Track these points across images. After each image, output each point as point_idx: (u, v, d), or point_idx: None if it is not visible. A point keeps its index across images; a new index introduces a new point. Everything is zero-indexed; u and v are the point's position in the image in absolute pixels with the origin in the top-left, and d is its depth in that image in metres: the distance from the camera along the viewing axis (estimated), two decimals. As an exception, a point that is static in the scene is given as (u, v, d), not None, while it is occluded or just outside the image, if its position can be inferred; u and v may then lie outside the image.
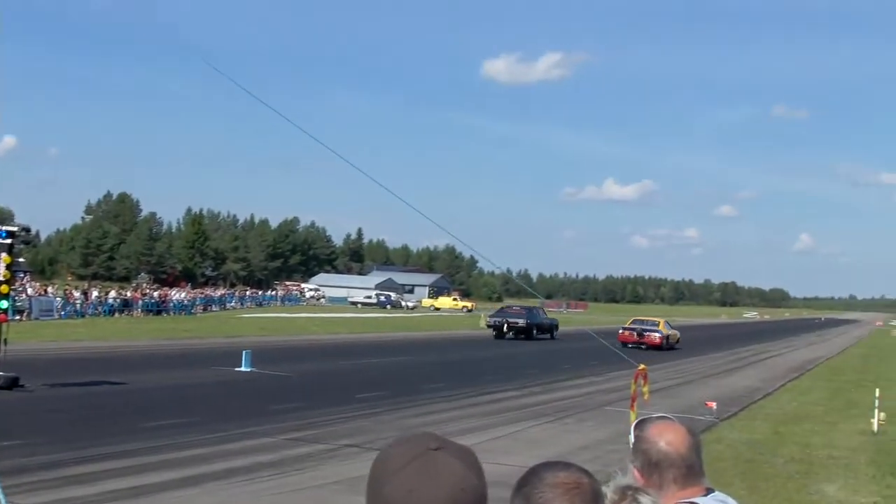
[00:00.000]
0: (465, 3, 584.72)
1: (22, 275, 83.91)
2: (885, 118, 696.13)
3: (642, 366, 15.84)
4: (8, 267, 28.39)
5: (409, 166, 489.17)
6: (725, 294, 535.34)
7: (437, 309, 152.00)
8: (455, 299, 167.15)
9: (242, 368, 37.33)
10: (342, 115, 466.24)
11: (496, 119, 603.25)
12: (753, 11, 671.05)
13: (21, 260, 50.78)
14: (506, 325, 73.18)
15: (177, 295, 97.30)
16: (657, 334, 69.32)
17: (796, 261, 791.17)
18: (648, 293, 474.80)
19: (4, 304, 28.15)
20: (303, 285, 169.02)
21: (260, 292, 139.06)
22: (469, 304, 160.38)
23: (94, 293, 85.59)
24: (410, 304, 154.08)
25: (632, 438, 3.93)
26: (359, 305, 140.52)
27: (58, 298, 74.81)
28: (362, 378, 37.11)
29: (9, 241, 28.16)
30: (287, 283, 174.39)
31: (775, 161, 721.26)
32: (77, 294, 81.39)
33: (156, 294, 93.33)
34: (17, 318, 48.04)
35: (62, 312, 71.29)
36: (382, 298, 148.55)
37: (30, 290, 73.81)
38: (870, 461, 22.10)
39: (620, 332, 70.06)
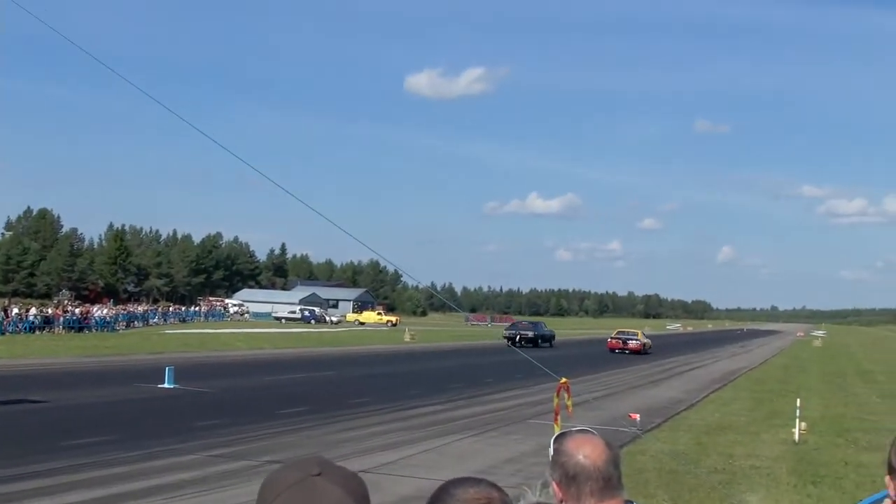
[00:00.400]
0: (387, 18, 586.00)
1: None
2: (805, 132, 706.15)
3: (564, 379, 15.88)
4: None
5: (332, 181, 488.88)
6: (649, 306, 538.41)
7: (362, 323, 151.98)
8: (379, 314, 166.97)
9: (166, 385, 37.08)
10: (265, 131, 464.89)
11: (419, 133, 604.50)
12: (675, 27, 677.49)
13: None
14: (518, 337, 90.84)
15: (99, 311, 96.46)
16: (637, 342, 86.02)
17: (718, 273, 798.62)
18: (572, 306, 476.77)
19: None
20: (226, 301, 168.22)
21: (183, 308, 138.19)
22: (393, 319, 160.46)
23: (15, 310, 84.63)
24: (335, 319, 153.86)
25: (551, 451, 3.94)
26: (283, 320, 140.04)
27: (-23, 316, 73.90)
28: (287, 393, 36.93)
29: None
30: (210, 298, 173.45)
31: (698, 174, 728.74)
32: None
33: (77, 311, 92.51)
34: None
35: (-18, 330, 70.44)
36: (307, 313, 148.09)
37: (-52, 308, 72.87)
38: (791, 470, 22.31)
39: (609, 340, 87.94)
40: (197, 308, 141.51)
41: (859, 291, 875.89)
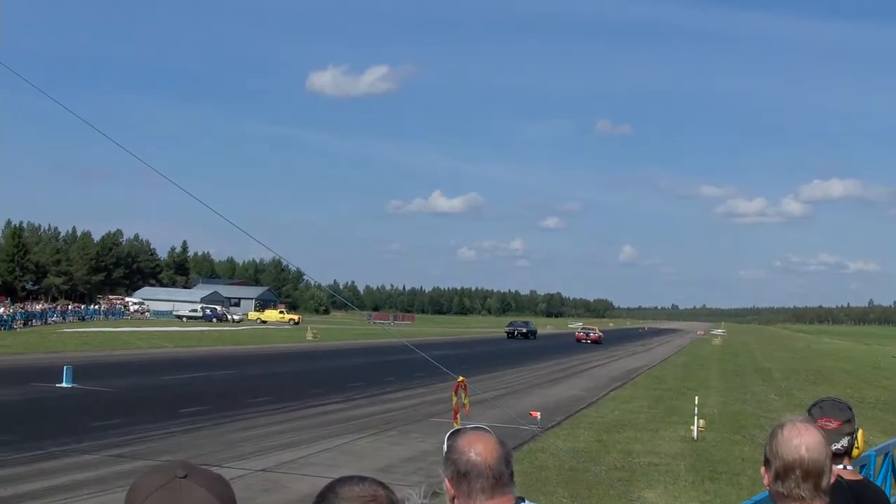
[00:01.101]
0: (291, 14, 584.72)
1: None
2: (706, 132, 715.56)
3: (461, 378, 15.89)
4: None
5: (235, 180, 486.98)
6: (551, 305, 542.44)
7: (264, 322, 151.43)
8: (281, 312, 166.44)
9: (63, 384, 36.64)
10: (164, 128, 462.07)
11: (323, 132, 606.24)
12: (577, 28, 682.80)
13: None
14: (515, 332, 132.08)
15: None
16: (595, 334, 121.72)
17: (620, 272, 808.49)
18: (475, 305, 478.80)
19: None
20: (127, 299, 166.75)
21: (83, 306, 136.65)
22: (295, 317, 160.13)
23: None
24: (237, 318, 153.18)
25: (444, 448, 3.93)
26: (184, 319, 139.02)
27: None
28: (187, 393, 36.67)
29: None
30: (111, 296, 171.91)
31: (600, 174, 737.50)
32: None
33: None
34: None
35: None
36: (208, 312, 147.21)
37: None
38: (689, 467, 22.54)
39: (577, 334, 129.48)
40: (97, 306, 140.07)
41: (758, 290, 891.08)
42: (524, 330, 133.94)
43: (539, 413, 29.21)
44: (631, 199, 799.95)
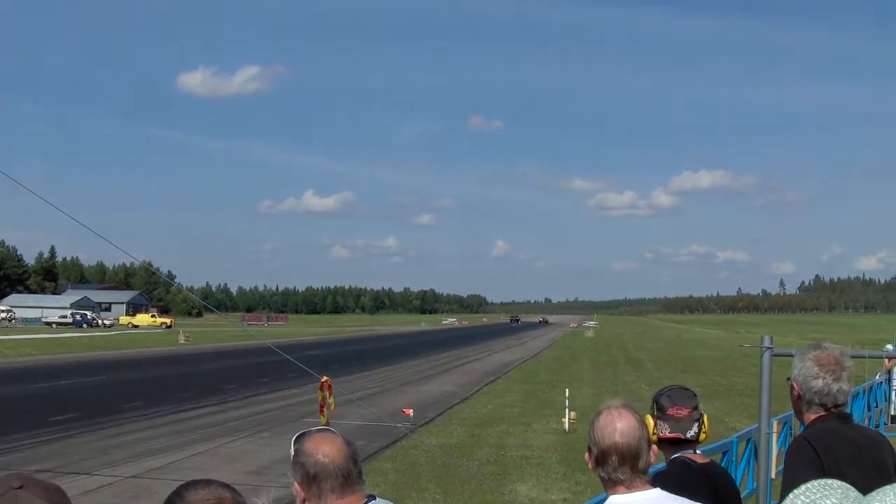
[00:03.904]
0: (160, 14, 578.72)
1: None
2: (577, 127, 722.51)
3: (325, 378, 15.88)
4: None
5: (104, 182, 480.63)
6: (425, 301, 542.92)
7: (136, 326, 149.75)
8: (153, 316, 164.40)
9: (-73, 396, 36.01)
10: (25, 127, 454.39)
11: (193, 132, 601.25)
12: (445, 25, 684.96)
13: None
14: (513, 321, 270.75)
15: None
16: (545, 318, 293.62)
17: (493, 266, 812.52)
18: (349, 303, 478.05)
19: None
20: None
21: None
22: (168, 321, 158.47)
23: None
24: (108, 323, 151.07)
25: (292, 452, 3.98)
26: (54, 326, 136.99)
27: None
28: (57, 400, 36.16)
29: None
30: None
31: (473, 170, 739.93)
32: None
33: None
34: None
35: None
36: (78, 317, 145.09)
37: None
38: (561, 459, 22.77)
39: (538, 319, 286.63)
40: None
41: (630, 282, 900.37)
42: (518, 320, 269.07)
43: (412, 410, 29.34)
44: (504, 193, 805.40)
